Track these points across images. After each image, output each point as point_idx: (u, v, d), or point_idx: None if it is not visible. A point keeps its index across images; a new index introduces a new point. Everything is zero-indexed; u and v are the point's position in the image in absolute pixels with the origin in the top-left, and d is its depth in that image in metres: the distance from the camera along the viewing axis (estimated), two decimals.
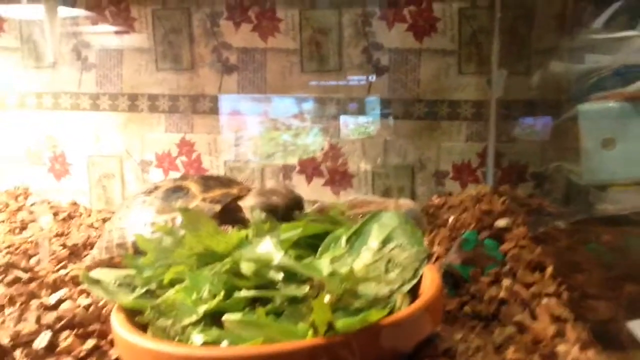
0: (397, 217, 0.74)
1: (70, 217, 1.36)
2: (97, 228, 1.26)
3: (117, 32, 1.41)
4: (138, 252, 0.71)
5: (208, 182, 0.92)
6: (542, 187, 1.28)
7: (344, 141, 1.35)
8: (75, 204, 1.48)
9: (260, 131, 1.38)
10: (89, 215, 1.40)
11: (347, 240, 0.71)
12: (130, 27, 1.39)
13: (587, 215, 1.14)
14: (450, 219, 1.02)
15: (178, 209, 0.64)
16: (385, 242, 0.71)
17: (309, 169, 1.37)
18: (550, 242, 0.84)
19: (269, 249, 0.65)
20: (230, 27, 1.35)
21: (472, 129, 1.30)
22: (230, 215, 0.89)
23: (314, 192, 1.37)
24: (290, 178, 1.38)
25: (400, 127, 1.32)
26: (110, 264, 0.93)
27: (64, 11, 1.43)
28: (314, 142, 1.36)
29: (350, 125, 1.34)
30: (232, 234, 0.67)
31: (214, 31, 1.36)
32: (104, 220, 1.30)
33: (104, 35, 1.42)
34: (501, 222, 0.90)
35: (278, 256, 0.63)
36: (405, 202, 1.16)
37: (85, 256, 1.08)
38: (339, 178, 1.36)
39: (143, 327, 0.57)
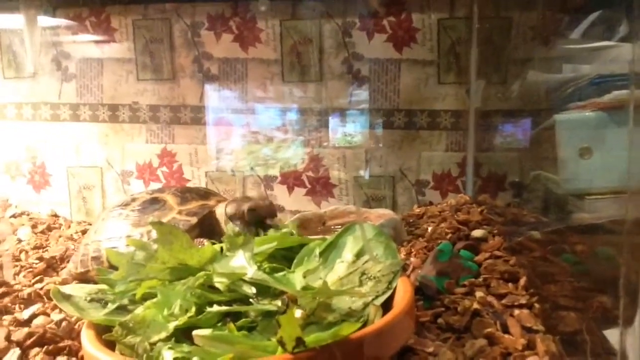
0: (372, 229, 0.74)
1: (49, 229, 1.35)
2: (76, 240, 1.25)
3: (97, 43, 1.40)
4: (113, 266, 0.71)
5: (185, 194, 0.92)
6: (521, 196, 1.29)
7: (325, 151, 1.35)
8: (55, 215, 1.47)
9: (242, 141, 1.37)
10: (69, 227, 1.39)
11: (322, 253, 0.71)
12: (110, 37, 1.39)
13: (564, 224, 1.15)
14: (429, 230, 1.02)
15: (150, 223, 0.64)
16: (359, 254, 0.71)
17: (291, 179, 1.37)
18: (525, 253, 0.85)
19: (242, 263, 0.65)
20: (211, 37, 1.35)
21: (451, 138, 1.31)
22: (207, 227, 0.88)
23: (295, 202, 1.37)
24: (272, 188, 1.38)
25: (380, 137, 1.33)
26: (85, 277, 0.92)
27: (44, 21, 1.42)
28: (294, 152, 1.36)
29: (331, 135, 1.34)
30: (206, 247, 0.67)
31: (194, 41, 1.36)
32: (84, 232, 1.29)
33: (84, 45, 1.41)
34: (477, 233, 0.90)
35: (251, 270, 0.63)
36: (386, 212, 1.16)
37: (62, 269, 1.07)
38: (320, 188, 1.36)
39: (113, 345, 0.57)
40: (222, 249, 0.70)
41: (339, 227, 1.25)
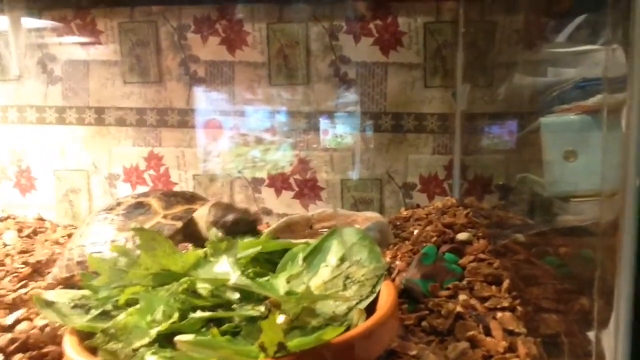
0: (357, 233, 0.74)
1: (35, 233, 1.33)
2: (62, 244, 1.24)
3: (83, 45, 1.39)
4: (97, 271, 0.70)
5: (170, 198, 0.92)
6: (507, 198, 1.30)
7: (313, 154, 1.35)
8: (41, 219, 1.46)
9: (229, 144, 1.37)
10: (55, 231, 1.38)
11: (306, 258, 0.71)
12: (96, 39, 1.38)
13: (549, 227, 1.16)
14: (415, 232, 1.03)
15: (133, 228, 0.63)
16: (343, 258, 0.71)
17: (278, 181, 1.37)
18: (509, 255, 0.85)
19: (226, 268, 0.65)
20: (198, 40, 1.35)
21: (438, 141, 1.31)
22: (192, 231, 0.88)
23: (283, 205, 1.38)
24: (260, 191, 1.38)
25: (368, 139, 1.33)
26: (71, 282, 0.92)
27: (29, 23, 1.41)
28: (282, 155, 1.37)
29: (318, 137, 1.35)
30: (189, 253, 0.67)
31: (181, 44, 1.36)
32: (70, 236, 1.28)
33: (70, 48, 1.40)
34: (462, 236, 0.91)
35: (234, 276, 0.63)
36: (373, 215, 1.17)
37: (48, 274, 1.06)
38: (308, 191, 1.36)
39: (95, 351, 0.57)
40: (205, 254, 0.70)
41: (326, 230, 1.25)
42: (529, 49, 1.27)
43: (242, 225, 0.84)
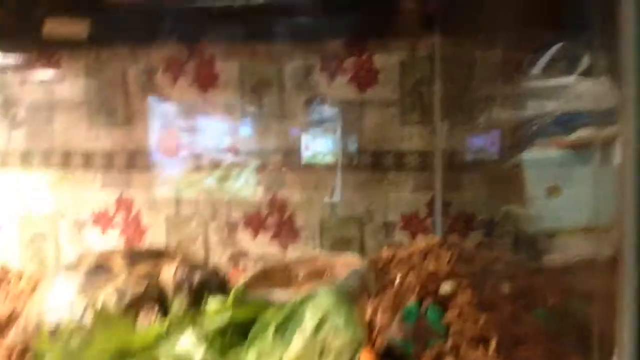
0: (332, 296, 0.69)
1: None
2: (25, 299, 1.17)
3: (48, 87, 1.34)
4: (54, 335, 0.65)
5: (135, 256, 0.86)
6: (491, 234, 1.26)
7: (290, 193, 1.31)
8: (4, 267, 1.38)
9: (203, 186, 1.32)
10: (20, 280, 1.30)
11: (279, 326, 0.66)
12: (62, 81, 1.33)
13: (536, 267, 1.13)
14: (397, 280, 0.98)
15: (90, 309, 0.58)
16: (319, 325, 0.66)
17: (255, 222, 1.32)
18: (495, 309, 0.81)
19: (189, 344, 0.59)
20: (168, 80, 1.31)
21: (418, 179, 1.28)
22: (158, 293, 0.83)
23: (260, 247, 1.32)
24: (235, 233, 1.32)
25: (346, 178, 1.29)
26: (28, 346, 0.85)
27: None
28: (260, 195, 1.32)
29: (296, 177, 1.30)
30: (149, 328, 0.61)
31: (150, 85, 1.31)
32: (34, 289, 1.21)
33: (34, 89, 1.35)
34: (445, 287, 0.86)
35: (199, 353, 0.58)
36: (352, 260, 1.12)
37: (9, 330, 1.00)
38: (286, 232, 1.31)
39: None
40: (168, 325, 0.65)
41: (305, 276, 1.20)
42: (507, 83, 1.25)
43: (209, 286, 0.79)
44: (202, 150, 1.31)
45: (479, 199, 1.27)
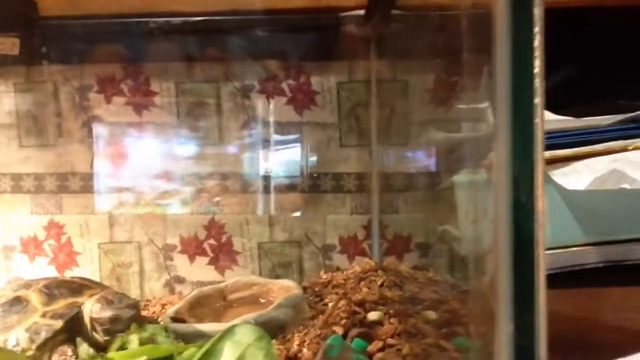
0: (253, 332, 0.68)
1: None
2: None
3: None
4: None
5: (54, 291, 0.83)
6: (427, 256, 1.28)
7: (227, 217, 1.29)
8: None
9: (137, 209, 1.29)
10: None
11: None
12: None
13: (459, 292, 1.15)
14: (328, 308, 0.98)
15: None
16: None
17: (192, 247, 1.30)
18: (420, 337, 0.82)
19: None
20: (101, 100, 1.27)
21: (356, 201, 1.28)
22: (77, 329, 0.80)
23: (197, 272, 1.30)
24: (172, 258, 1.30)
25: (284, 201, 1.29)
26: None
27: None
28: (195, 219, 1.30)
29: (232, 200, 1.29)
30: None
31: (83, 105, 1.27)
32: None
33: None
34: (373, 316, 0.87)
35: None
36: (289, 285, 1.12)
37: None
38: (223, 256, 1.29)
39: None
40: None
41: (241, 298, 1.19)
42: (441, 107, 1.28)
43: (123, 322, 0.76)
44: (137, 173, 1.28)
45: (415, 221, 1.29)
